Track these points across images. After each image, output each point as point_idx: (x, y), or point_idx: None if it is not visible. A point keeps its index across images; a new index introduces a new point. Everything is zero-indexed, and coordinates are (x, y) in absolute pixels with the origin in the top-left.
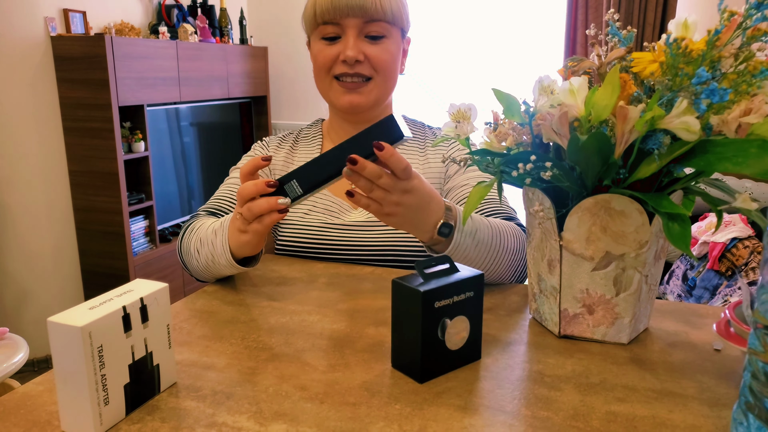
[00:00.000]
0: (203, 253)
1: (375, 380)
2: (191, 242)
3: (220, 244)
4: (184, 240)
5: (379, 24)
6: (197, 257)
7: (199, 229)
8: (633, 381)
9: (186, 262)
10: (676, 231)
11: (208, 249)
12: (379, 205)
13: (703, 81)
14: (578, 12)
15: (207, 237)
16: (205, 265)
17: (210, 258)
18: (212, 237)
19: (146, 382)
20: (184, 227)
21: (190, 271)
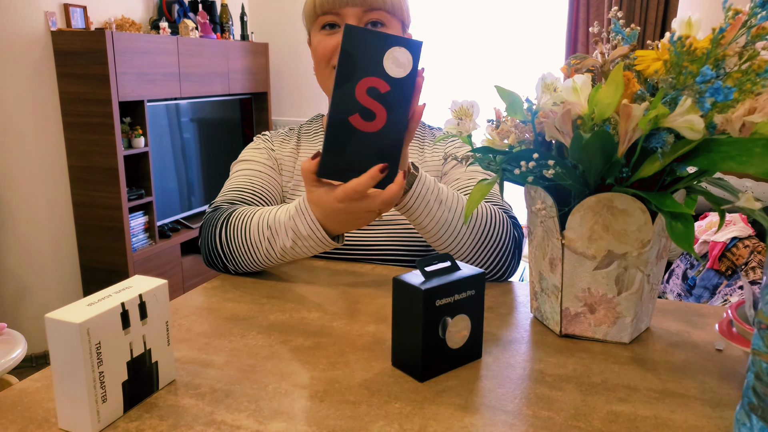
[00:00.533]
0: (280, 240)
1: (375, 379)
2: (252, 233)
3: (305, 227)
4: (235, 232)
5: (378, 13)
6: (269, 246)
7: (254, 219)
8: (634, 381)
9: (236, 255)
10: (679, 230)
11: (288, 237)
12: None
13: (707, 79)
14: (579, 10)
15: (279, 225)
16: (281, 252)
17: (290, 244)
18: (291, 224)
19: (144, 379)
20: (213, 222)
21: (237, 263)
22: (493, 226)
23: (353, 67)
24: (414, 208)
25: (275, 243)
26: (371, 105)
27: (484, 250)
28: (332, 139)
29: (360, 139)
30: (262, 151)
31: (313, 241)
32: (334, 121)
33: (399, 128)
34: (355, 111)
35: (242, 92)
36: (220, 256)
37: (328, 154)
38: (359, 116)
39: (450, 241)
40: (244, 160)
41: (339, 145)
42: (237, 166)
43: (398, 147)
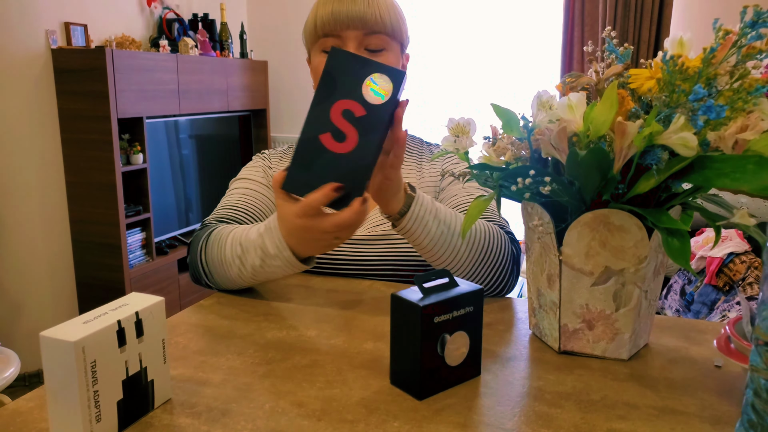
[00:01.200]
0: (249, 259)
1: (373, 397)
2: (226, 252)
3: (273, 246)
4: (212, 251)
5: (378, 36)
6: (240, 266)
7: (229, 238)
8: (634, 398)
9: (214, 273)
10: (675, 246)
11: (256, 255)
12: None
13: (699, 98)
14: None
15: (249, 243)
16: (251, 272)
17: (258, 264)
18: (259, 242)
19: (140, 398)
20: (198, 239)
21: (216, 281)
22: (491, 243)
23: (332, 88)
24: (412, 229)
25: (246, 261)
26: (344, 126)
27: (483, 268)
28: (300, 155)
29: (327, 158)
30: (258, 170)
31: (280, 261)
32: (304, 138)
33: (369, 154)
34: (327, 130)
35: (241, 109)
36: (202, 274)
37: (295, 169)
38: (330, 136)
39: (449, 260)
40: (240, 178)
41: (306, 162)
42: (233, 185)
43: (365, 172)
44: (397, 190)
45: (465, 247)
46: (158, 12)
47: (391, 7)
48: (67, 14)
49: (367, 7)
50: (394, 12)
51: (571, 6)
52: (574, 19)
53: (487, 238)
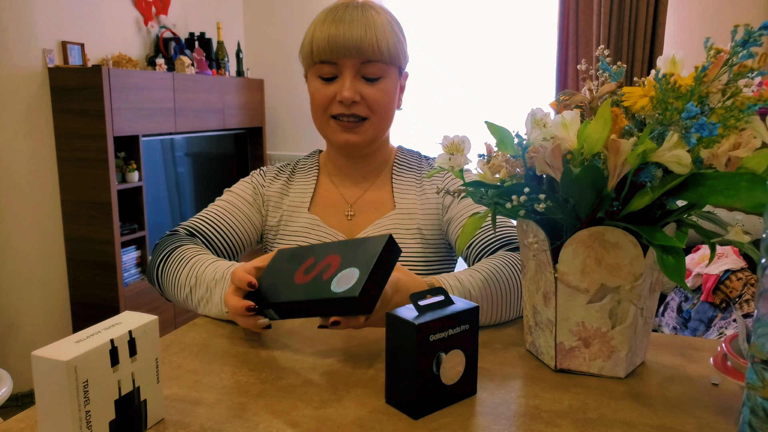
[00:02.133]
0: (198, 293)
1: (369, 416)
2: (181, 275)
3: (218, 299)
4: (167, 269)
5: (375, 65)
6: (188, 293)
7: (188, 264)
8: (631, 416)
9: (164, 287)
10: (670, 263)
11: (202, 294)
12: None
13: (692, 116)
14: (569, 47)
15: (203, 281)
16: (196, 304)
17: (204, 303)
18: (212, 285)
19: (132, 418)
20: (162, 247)
21: (164, 293)
22: (517, 290)
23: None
24: None
25: (194, 294)
26: (317, 268)
27: (510, 313)
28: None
29: (285, 278)
30: (249, 187)
31: (216, 312)
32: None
33: (301, 295)
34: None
35: (237, 127)
36: (155, 283)
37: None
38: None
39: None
40: (230, 191)
41: (269, 274)
42: (224, 195)
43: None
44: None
45: (497, 311)
46: (155, 31)
47: (388, 32)
48: (64, 33)
49: (365, 33)
50: (392, 36)
51: (566, 24)
52: (569, 37)
53: (515, 285)
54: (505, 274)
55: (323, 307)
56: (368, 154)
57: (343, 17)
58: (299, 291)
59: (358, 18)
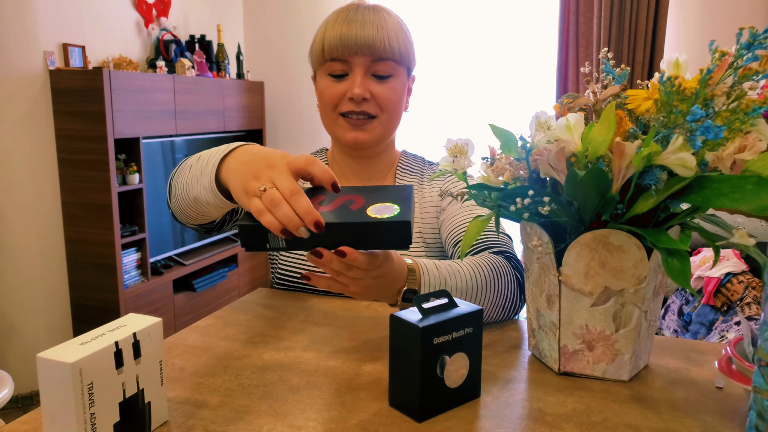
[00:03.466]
0: (194, 169)
1: (372, 420)
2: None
3: (212, 165)
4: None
5: (386, 63)
6: (187, 173)
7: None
8: (635, 420)
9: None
10: (675, 266)
11: (200, 165)
12: (344, 286)
13: (697, 118)
14: (569, 51)
15: (205, 153)
16: (189, 179)
17: (198, 175)
18: (209, 154)
19: (137, 420)
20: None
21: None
22: (499, 287)
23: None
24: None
25: (193, 168)
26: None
27: (494, 310)
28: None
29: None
30: None
31: (207, 180)
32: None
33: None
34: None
35: (237, 129)
36: (167, 193)
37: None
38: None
39: None
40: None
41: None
42: None
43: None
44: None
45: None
46: (156, 33)
47: (399, 32)
48: (65, 36)
49: (377, 33)
50: (402, 37)
51: (566, 28)
52: (569, 40)
53: (494, 285)
54: (484, 272)
55: (357, 233)
56: (374, 155)
57: (355, 17)
58: (325, 216)
59: (370, 18)
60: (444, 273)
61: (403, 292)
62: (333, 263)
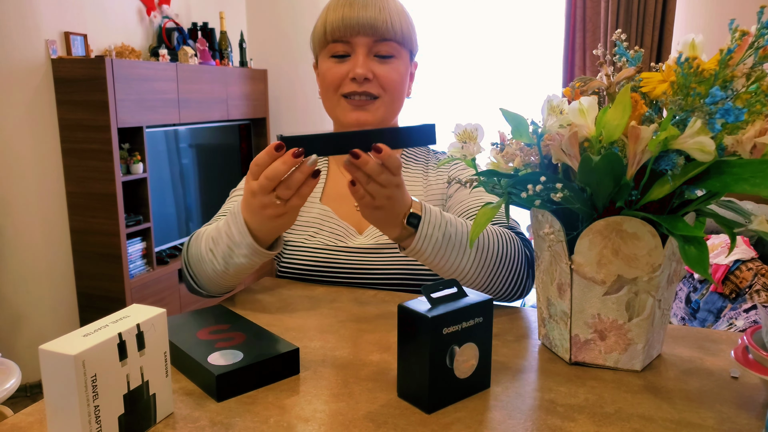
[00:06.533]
0: (220, 250)
1: (380, 411)
2: (201, 247)
3: (237, 233)
4: (192, 249)
5: (388, 44)
6: (213, 258)
7: (205, 233)
8: (649, 410)
9: (196, 274)
10: (692, 254)
11: (225, 244)
12: (372, 198)
13: (717, 100)
14: (576, 35)
15: (219, 233)
16: (224, 264)
17: (227, 253)
18: (226, 228)
19: (142, 412)
20: (186, 243)
21: (201, 283)
22: (504, 251)
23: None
24: (422, 250)
25: (217, 253)
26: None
27: (498, 277)
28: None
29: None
30: None
31: (245, 248)
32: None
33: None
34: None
35: (241, 118)
36: (188, 278)
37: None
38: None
39: (461, 275)
40: (240, 188)
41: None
42: (232, 194)
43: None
44: (400, 209)
45: (477, 260)
46: (158, 21)
47: (402, 15)
48: (66, 24)
49: (379, 14)
50: (405, 19)
51: (573, 12)
52: (576, 25)
53: (499, 246)
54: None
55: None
56: None
57: (357, 0)
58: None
59: (372, 1)
60: (447, 217)
61: (407, 215)
62: (369, 164)
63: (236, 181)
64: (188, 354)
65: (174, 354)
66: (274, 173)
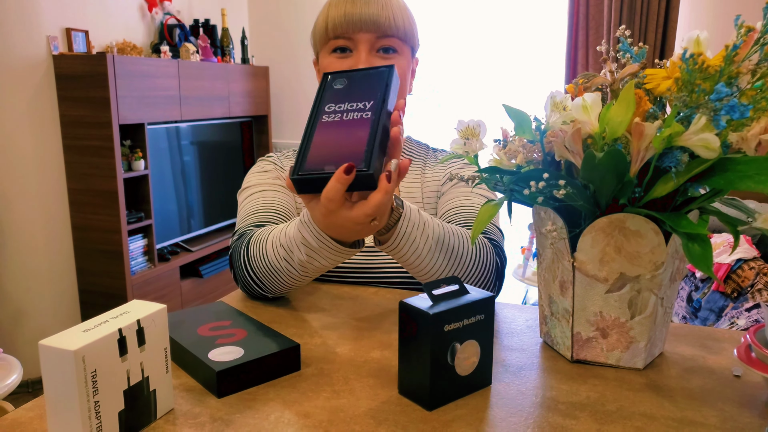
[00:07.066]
0: (295, 257)
1: (381, 408)
2: (269, 257)
3: (314, 240)
4: (253, 261)
5: (391, 40)
6: (287, 266)
7: (268, 242)
8: (651, 409)
9: (263, 281)
10: (696, 252)
11: (299, 251)
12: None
13: (722, 97)
14: (579, 33)
15: (291, 241)
16: (301, 269)
17: (306, 259)
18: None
19: (142, 408)
20: (239, 251)
21: (267, 288)
22: (477, 256)
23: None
24: (399, 246)
25: (292, 260)
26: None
27: (467, 281)
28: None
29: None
30: (271, 173)
31: (327, 252)
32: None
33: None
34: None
35: (243, 115)
36: (253, 285)
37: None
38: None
39: (433, 275)
40: (254, 184)
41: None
42: (247, 192)
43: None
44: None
45: (450, 262)
46: (159, 18)
47: (404, 11)
48: (68, 20)
49: (381, 10)
50: (406, 16)
51: (576, 10)
52: (579, 22)
53: (473, 251)
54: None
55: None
56: None
57: None
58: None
59: None
60: (425, 216)
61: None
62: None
63: (238, 178)
64: (189, 350)
65: (174, 350)
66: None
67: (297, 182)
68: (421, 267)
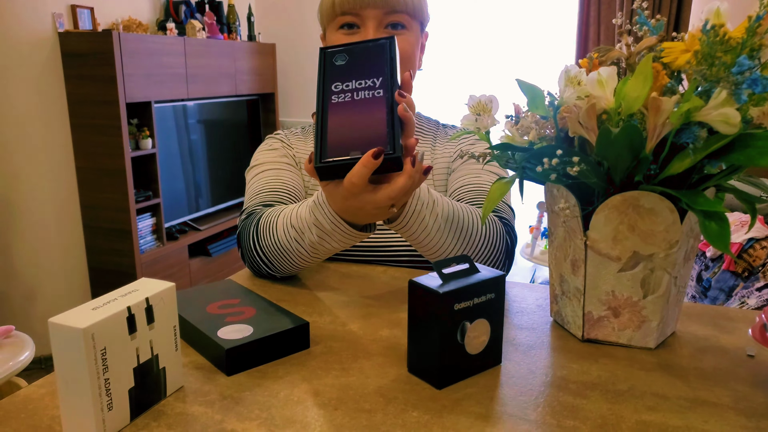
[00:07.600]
0: (306, 239)
1: (391, 386)
2: (279, 237)
3: (328, 222)
4: (263, 240)
5: (399, 15)
6: (297, 247)
7: (278, 222)
8: (663, 388)
9: (271, 261)
10: (713, 230)
11: (311, 233)
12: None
13: (744, 70)
14: (590, 9)
15: (302, 222)
16: (311, 250)
17: (317, 240)
18: (312, 219)
19: (152, 386)
20: (248, 230)
21: (275, 268)
22: (487, 235)
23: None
24: (408, 225)
25: (303, 242)
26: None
27: (477, 259)
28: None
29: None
30: (279, 151)
31: (340, 235)
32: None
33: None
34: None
35: (249, 93)
36: (261, 265)
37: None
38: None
39: (442, 254)
40: (262, 162)
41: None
42: (256, 170)
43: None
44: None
45: (460, 240)
46: None
47: None
48: None
49: None
50: None
51: None
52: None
53: (484, 229)
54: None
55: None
56: None
57: None
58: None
59: None
60: (435, 195)
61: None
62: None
63: (245, 157)
64: (198, 328)
65: (184, 328)
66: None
67: (321, 170)
68: (431, 246)
